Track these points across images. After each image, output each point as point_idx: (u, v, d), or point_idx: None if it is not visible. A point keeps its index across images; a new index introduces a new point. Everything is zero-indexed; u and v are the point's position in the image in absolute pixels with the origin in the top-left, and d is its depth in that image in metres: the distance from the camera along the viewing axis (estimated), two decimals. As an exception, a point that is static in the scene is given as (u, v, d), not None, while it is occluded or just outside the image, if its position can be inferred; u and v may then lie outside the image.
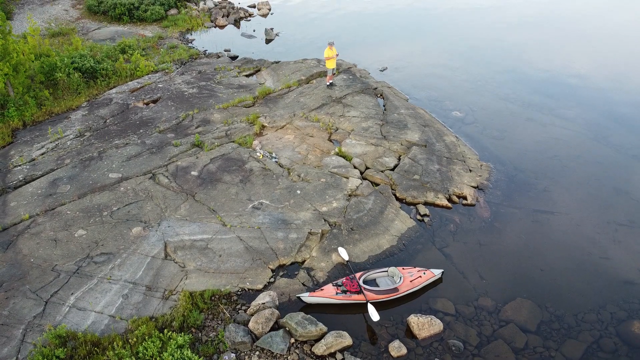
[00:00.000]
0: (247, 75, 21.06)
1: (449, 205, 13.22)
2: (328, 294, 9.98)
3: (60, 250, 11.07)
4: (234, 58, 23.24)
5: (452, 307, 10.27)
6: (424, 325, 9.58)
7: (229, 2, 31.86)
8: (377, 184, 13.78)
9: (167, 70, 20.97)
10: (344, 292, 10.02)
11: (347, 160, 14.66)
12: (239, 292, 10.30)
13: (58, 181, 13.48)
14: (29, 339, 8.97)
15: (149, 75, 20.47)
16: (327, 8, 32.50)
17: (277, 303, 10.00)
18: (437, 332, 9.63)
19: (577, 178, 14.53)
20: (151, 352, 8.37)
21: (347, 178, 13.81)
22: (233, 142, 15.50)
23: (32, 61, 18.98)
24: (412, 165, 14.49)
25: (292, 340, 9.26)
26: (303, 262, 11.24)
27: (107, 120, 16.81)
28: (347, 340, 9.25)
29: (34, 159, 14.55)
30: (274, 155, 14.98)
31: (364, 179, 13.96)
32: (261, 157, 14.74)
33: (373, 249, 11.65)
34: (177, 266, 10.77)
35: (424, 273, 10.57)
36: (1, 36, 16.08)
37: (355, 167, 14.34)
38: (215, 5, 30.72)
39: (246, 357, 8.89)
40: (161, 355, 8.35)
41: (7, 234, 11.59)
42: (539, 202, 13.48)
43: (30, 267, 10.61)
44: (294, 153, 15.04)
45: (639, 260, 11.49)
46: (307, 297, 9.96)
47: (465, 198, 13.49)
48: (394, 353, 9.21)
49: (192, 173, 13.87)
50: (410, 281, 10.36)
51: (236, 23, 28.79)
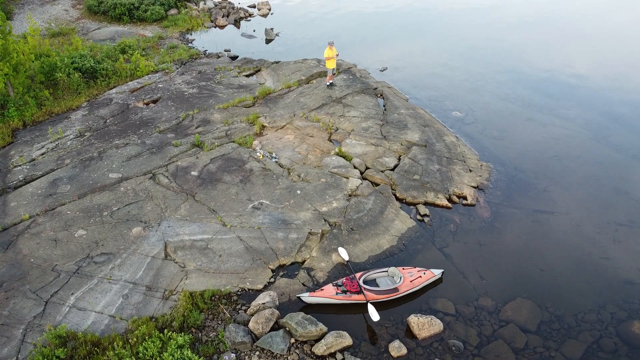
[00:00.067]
0: (247, 75, 21.06)
1: (449, 205, 13.23)
2: (328, 294, 9.98)
3: (61, 250, 11.08)
4: (234, 58, 23.24)
5: (452, 307, 10.27)
6: (424, 325, 9.58)
7: (229, 2, 31.87)
8: (377, 184, 13.78)
9: (167, 71, 20.97)
10: (344, 292, 10.02)
11: (347, 160, 14.66)
12: (239, 292, 10.30)
13: (58, 181, 13.49)
14: (29, 339, 8.97)
15: (149, 76, 20.47)
16: (327, 8, 32.49)
17: (277, 303, 10.00)
18: (437, 332, 9.63)
19: (577, 178, 14.54)
20: (151, 352, 8.37)
21: (347, 178, 13.81)
22: (233, 142, 15.50)
23: (32, 61, 18.98)
24: (412, 165, 14.49)
25: (292, 340, 9.27)
26: (303, 262, 11.24)
27: (107, 121, 16.82)
28: (347, 340, 9.25)
29: (34, 159, 14.55)
30: (274, 155, 14.98)
31: (364, 179, 13.96)
32: (261, 157, 14.74)
33: (373, 249, 11.65)
34: (177, 266, 10.77)
35: (424, 273, 10.58)
36: (1, 36, 16.09)
37: (355, 167, 14.35)
38: (215, 5, 30.72)
39: (246, 357, 8.89)
40: (161, 355, 8.35)
41: (7, 234, 11.60)
42: (539, 202, 13.48)
43: (30, 267, 10.61)
44: (294, 153, 15.04)
45: (639, 260, 11.49)
46: (307, 297, 9.97)
47: (465, 198, 13.49)
48: (394, 353, 9.21)
49: (192, 173, 13.87)
50: (411, 281, 10.36)
51: (236, 23, 28.79)
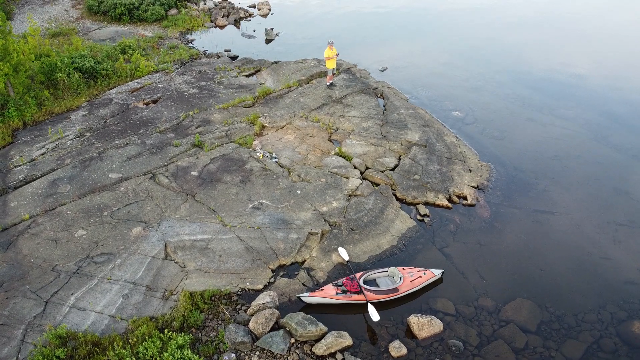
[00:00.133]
0: (247, 76, 21.06)
1: (449, 205, 13.23)
2: (328, 294, 9.98)
3: (61, 251, 11.08)
4: (234, 58, 23.24)
5: (452, 307, 10.27)
6: (424, 325, 9.58)
7: (229, 2, 31.89)
8: (377, 184, 13.78)
9: (167, 71, 20.97)
10: (344, 292, 10.01)
11: (347, 160, 14.66)
12: (239, 292, 10.30)
13: (58, 181, 13.49)
14: (29, 339, 8.97)
15: (149, 76, 20.47)
16: (327, 8, 32.51)
17: (277, 303, 10.00)
18: (437, 332, 9.63)
19: (577, 178, 14.54)
20: (151, 352, 8.37)
21: (347, 178, 13.81)
22: (233, 142, 15.50)
23: (32, 61, 18.99)
24: (412, 166, 14.49)
25: (293, 340, 9.26)
26: (303, 262, 11.24)
27: (107, 121, 16.82)
28: (347, 340, 9.25)
29: (34, 159, 14.55)
30: (274, 155, 14.98)
31: (364, 179, 13.96)
32: (261, 157, 14.74)
33: (373, 249, 11.65)
34: (177, 266, 10.77)
35: (424, 273, 10.58)
36: (1, 36, 16.09)
37: (355, 167, 14.35)
38: (215, 5, 30.73)
39: (246, 357, 8.89)
40: (161, 355, 8.35)
41: (7, 234, 11.60)
42: (539, 202, 13.48)
43: (30, 267, 10.61)
44: (294, 153, 15.04)
45: (639, 260, 11.49)
46: (307, 297, 9.96)
47: (465, 198, 13.49)
48: (394, 353, 9.21)
49: (192, 173, 13.87)
50: (411, 281, 10.36)
51: (236, 23, 28.80)
